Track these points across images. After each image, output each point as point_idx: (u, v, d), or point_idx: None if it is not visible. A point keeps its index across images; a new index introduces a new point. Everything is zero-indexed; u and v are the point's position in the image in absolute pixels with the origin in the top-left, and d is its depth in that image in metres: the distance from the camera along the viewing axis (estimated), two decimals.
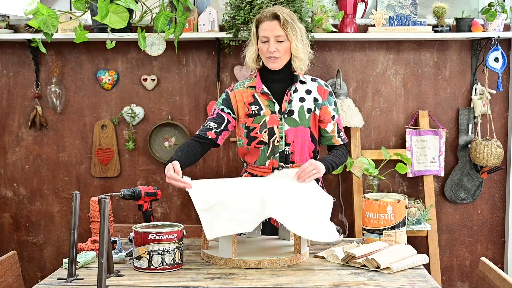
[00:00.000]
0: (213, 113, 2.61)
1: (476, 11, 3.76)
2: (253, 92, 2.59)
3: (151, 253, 2.02)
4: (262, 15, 2.53)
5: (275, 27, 2.48)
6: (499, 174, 3.76)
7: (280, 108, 2.55)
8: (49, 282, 1.94)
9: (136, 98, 3.71)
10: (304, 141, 2.58)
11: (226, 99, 2.61)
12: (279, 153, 2.56)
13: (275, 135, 2.55)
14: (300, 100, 2.57)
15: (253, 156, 2.61)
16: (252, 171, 2.63)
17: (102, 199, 1.81)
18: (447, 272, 3.79)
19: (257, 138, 2.56)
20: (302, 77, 2.60)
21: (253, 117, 2.57)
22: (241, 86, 2.62)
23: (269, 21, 2.49)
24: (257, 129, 2.56)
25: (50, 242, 3.80)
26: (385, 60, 3.69)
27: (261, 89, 2.57)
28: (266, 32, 2.49)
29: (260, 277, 1.98)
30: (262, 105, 2.57)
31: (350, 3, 3.49)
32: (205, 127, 2.58)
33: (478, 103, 3.62)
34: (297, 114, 2.56)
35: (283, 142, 2.55)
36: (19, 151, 3.75)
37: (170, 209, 3.77)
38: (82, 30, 3.32)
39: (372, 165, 3.40)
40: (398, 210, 2.22)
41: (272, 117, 2.55)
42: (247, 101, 2.58)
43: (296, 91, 2.58)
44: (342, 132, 2.65)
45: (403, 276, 1.99)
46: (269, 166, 2.57)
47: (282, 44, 2.49)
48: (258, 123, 2.56)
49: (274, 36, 2.48)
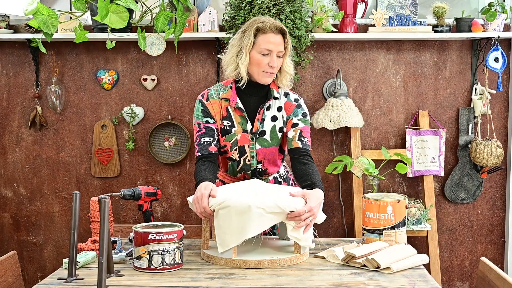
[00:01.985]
0: (200, 129, 2.45)
1: (476, 11, 3.76)
2: (227, 105, 2.46)
3: (151, 253, 2.02)
4: (265, 25, 2.37)
5: (280, 42, 2.38)
6: (499, 174, 3.76)
7: (252, 127, 2.46)
8: (49, 282, 1.94)
9: (136, 98, 3.71)
10: (275, 155, 2.53)
11: (205, 110, 2.46)
12: (251, 170, 2.53)
13: (246, 154, 2.48)
14: (272, 119, 2.47)
15: (224, 166, 2.58)
16: (223, 179, 2.61)
17: (102, 199, 1.81)
18: (447, 272, 3.79)
19: (227, 154, 2.50)
20: (276, 92, 2.48)
21: (224, 136, 2.47)
22: (216, 96, 2.48)
23: (274, 34, 2.37)
24: (228, 147, 2.48)
25: (50, 242, 3.80)
26: (385, 60, 3.69)
27: (235, 103, 2.44)
28: (271, 45, 2.37)
29: (260, 277, 1.98)
30: (235, 121, 2.46)
31: (350, 3, 3.49)
32: (203, 145, 2.43)
33: (478, 103, 3.62)
34: (269, 134, 2.47)
35: (255, 161, 2.50)
36: (19, 151, 3.75)
37: (170, 209, 3.77)
38: (82, 30, 3.32)
39: (372, 165, 3.40)
40: (398, 210, 2.22)
41: (243, 136, 2.46)
42: (221, 114, 2.47)
43: (269, 109, 2.47)
44: (306, 139, 2.45)
45: (403, 276, 1.99)
46: (240, 178, 2.56)
47: (280, 60, 2.41)
48: (229, 141, 2.47)
49: (277, 51, 2.39)
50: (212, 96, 2.48)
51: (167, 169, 3.74)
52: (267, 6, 3.31)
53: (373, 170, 3.40)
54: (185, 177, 3.74)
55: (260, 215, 2.08)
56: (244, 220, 2.07)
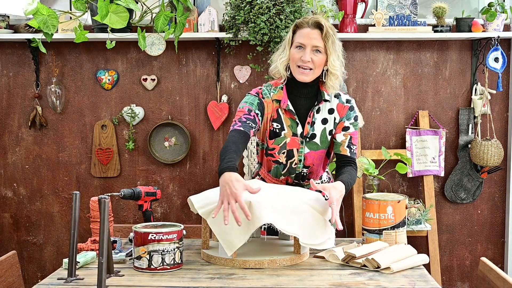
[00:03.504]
0: (249, 113, 2.33)
1: (476, 11, 3.76)
2: (277, 106, 2.40)
3: (151, 253, 2.02)
4: (303, 21, 2.34)
5: (316, 36, 2.30)
6: (499, 174, 3.76)
7: (303, 131, 2.40)
8: (49, 282, 1.94)
9: (136, 98, 3.71)
10: (321, 160, 2.49)
11: (261, 104, 2.38)
12: (295, 174, 2.48)
13: (294, 157, 2.43)
14: (322, 122, 2.41)
15: (268, 166, 2.52)
16: (265, 178, 2.55)
17: (102, 199, 1.81)
18: (447, 272, 3.79)
19: (274, 157, 2.45)
20: (326, 95, 2.40)
21: (273, 138, 2.41)
22: (267, 96, 2.41)
23: (310, 28, 2.31)
24: (276, 150, 2.42)
25: (50, 242, 3.80)
26: (385, 60, 3.69)
27: (286, 105, 2.38)
28: (304, 39, 2.31)
29: (260, 277, 1.97)
30: (285, 124, 2.40)
31: (350, 3, 3.49)
32: (247, 124, 2.29)
33: (478, 103, 3.62)
34: (319, 137, 2.41)
35: (301, 164, 2.45)
36: (19, 151, 3.75)
37: (170, 209, 3.77)
38: (82, 30, 3.33)
39: (372, 165, 3.40)
40: (398, 210, 2.22)
41: (293, 139, 2.40)
42: (272, 116, 2.41)
43: (319, 111, 2.41)
44: (354, 146, 2.44)
45: (403, 276, 1.99)
46: (283, 181, 2.51)
47: (319, 55, 2.31)
48: (278, 144, 2.41)
49: (312, 45, 2.30)
50: (266, 94, 2.42)
51: (167, 169, 3.74)
52: (267, 6, 3.31)
53: (373, 170, 3.40)
54: (185, 177, 3.74)
55: (261, 209, 2.07)
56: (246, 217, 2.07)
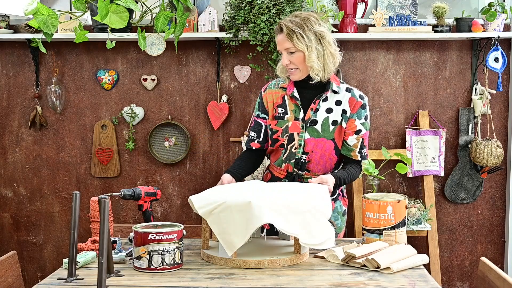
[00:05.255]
0: (251, 121, 2.62)
1: (476, 11, 3.76)
2: (284, 94, 2.56)
3: (151, 253, 2.02)
4: (275, 29, 2.51)
5: (283, 39, 2.44)
6: (499, 174, 3.76)
7: (304, 115, 2.51)
8: (49, 282, 1.94)
9: (136, 98, 3.71)
10: (325, 152, 2.53)
11: (260, 102, 2.61)
12: (295, 159, 2.53)
13: (294, 141, 2.52)
14: (327, 111, 2.51)
15: (275, 156, 2.62)
16: (272, 170, 2.65)
17: (102, 199, 1.81)
18: (447, 272, 3.79)
19: (279, 141, 2.55)
20: (336, 86, 2.52)
21: (277, 120, 2.55)
22: (275, 86, 2.59)
23: (278, 34, 2.47)
24: (279, 133, 2.54)
25: (50, 242, 3.80)
26: (385, 60, 3.69)
27: (291, 92, 2.53)
28: (278, 46, 2.48)
29: (260, 277, 1.97)
30: (288, 109, 2.53)
31: (350, 3, 3.49)
32: (249, 138, 2.64)
33: (478, 103, 3.62)
34: (320, 125, 2.50)
35: (301, 150, 2.51)
36: (19, 151, 3.75)
37: (170, 209, 3.77)
38: (82, 30, 3.32)
39: (372, 165, 3.40)
40: (398, 210, 2.22)
41: (294, 123, 2.51)
42: (276, 102, 2.56)
43: (325, 100, 2.52)
44: (365, 148, 2.56)
45: (403, 276, 1.99)
46: (284, 169, 2.57)
47: (294, 55, 2.45)
48: (280, 126, 2.53)
49: (284, 49, 2.45)
50: (271, 86, 2.61)
51: (167, 169, 3.74)
52: (267, 6, 3.31)
53: (373, 170, 3.40)
54: (185, 177, 3.74)
55: (261, 209, 2.07)
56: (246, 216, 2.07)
